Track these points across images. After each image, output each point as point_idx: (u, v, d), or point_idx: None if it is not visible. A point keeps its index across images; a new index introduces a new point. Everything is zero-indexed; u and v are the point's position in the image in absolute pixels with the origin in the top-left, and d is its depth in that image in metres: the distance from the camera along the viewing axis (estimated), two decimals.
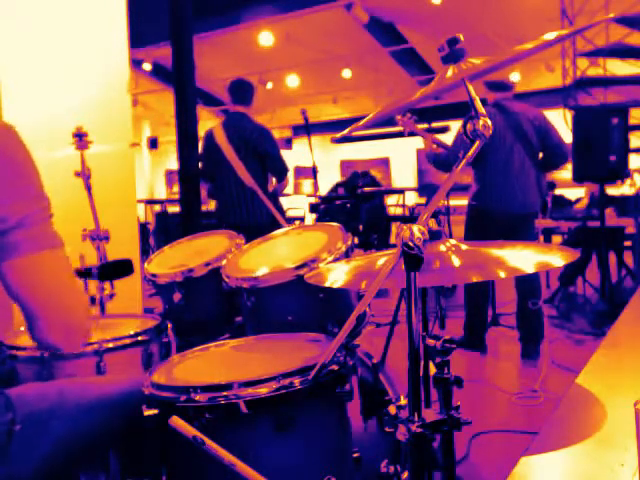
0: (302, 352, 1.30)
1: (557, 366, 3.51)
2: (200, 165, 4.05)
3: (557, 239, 6.83)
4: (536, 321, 3.72)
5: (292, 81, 11.60)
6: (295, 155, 12.34)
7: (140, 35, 4.86)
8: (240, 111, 3.70)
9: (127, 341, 1.60)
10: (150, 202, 11.68)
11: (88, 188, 2.16)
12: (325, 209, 7.57)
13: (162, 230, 9.18)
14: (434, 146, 3.86)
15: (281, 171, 3.67)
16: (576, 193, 7.00)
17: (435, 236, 1.09)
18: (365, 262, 1.26)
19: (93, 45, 3.08)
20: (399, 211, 9.85)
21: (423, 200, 11.13)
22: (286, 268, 1.57)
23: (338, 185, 8.89)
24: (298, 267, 1.53)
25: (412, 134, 3.80)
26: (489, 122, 0.92)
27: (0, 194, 0.94)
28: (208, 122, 7.89)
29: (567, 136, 4.66)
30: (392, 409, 0.91)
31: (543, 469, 0.85)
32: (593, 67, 6.28)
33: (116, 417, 1.25)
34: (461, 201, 4.40)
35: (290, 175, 3.76)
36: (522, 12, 8.45)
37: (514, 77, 9.79)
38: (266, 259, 1.74)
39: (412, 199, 11.42)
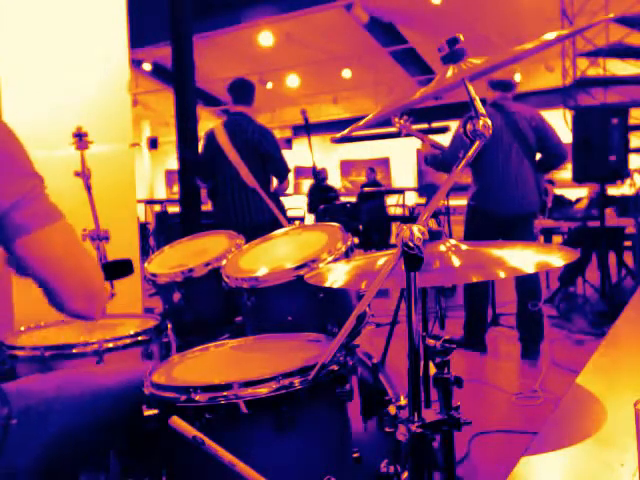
0: (302, 352, 1.30)
1: (557, 366, 3.51)
2: (197, 164, 4.04)
3: (557, 239, 6.83)
4: (536, 322, 3.72)
5: (292, 81, 11.60)
6: (295, 155, 12.34)
7: (140, 35, 4.86)
8: (241, 111, 3.68)
9: (127, 341, 1.60)
10: (150, 202, 11.70)
11: (88, 188, 2.16)
12: (325, 209, 7.58)
13: (162, 230, 9.19)
14: (430, 148, 3.86)
15: (282, 172, 3.67)
16: (576, 193, 7.00)
17: (435, 236, 1.09)
18: (365, 262, 1.26)
19: (93, 45, 3.08)
20: (399, 211, 9.87)
21: (423, 200, 11.13)
22: (286, 268, 1.57)
23: (315, 186, 8.95)
24: (298, 267, 1.53)
25: (409, 135, 3.80)
26: (489, 122, 0.92)
27: None
28: (208, 122, 7.89)
29: (567, 136, 4.66)
30: (392, 409, 0.91)
31: (543, 469, 0.85)
32: (593, 67, 6.28)
33: (115, 408, 1.24)
34: (461, 201, 4.40)
35: (290, 175, 3.76)
36: (522, 12, 8.46)
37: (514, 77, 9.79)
38: (266, 259, 1.74)
39: (412, 199, 11.42)
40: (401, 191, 10.42)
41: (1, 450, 1.06)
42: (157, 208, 10.94)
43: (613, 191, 5.85)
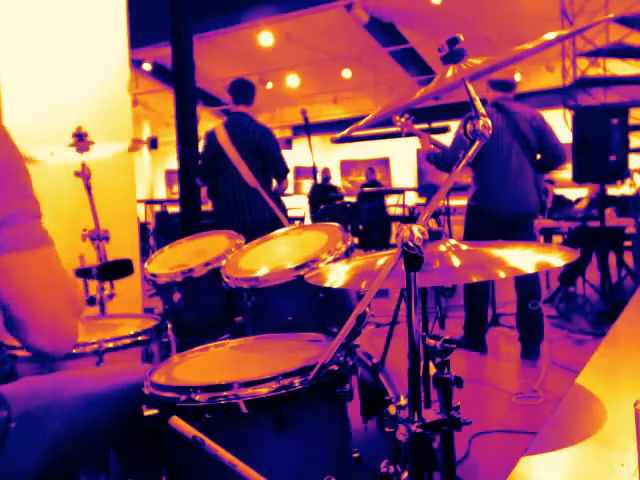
0: (302, 352, 1.30)
1: (557, 366, 3.51)
2: (199, 165, 4.05)
3: (557, 239, 6.82)
4: (536, 322, 3.72)
5: (292, 81, 11.61)
6: (295, 155, 12.34)
7: (140, 35, 4.86)
8: (242, 111, 3.69)
9: (127, 341, 1.60)
10: (150, 202, 11.70)
11: (88, 188, 2.16)
12: (325, 209, 7.58)
13: (162, 230, 9.18)
14: (431, 146, 3.86)
15: (281, 172, 3.67)
16: (576, 193, 7.00)
17: (435, 236, 1.09)
18: (365, 262, 1.26)
19: (93, 45, 3.08)
20: (399, 211, 9.86)
21: (423, 200, 11.13)
22: (286, 268, 1.57)
23: (317, 186, 8.95)
24: (298, 267, 1.53)
25: (410, 134, 3.81)
26: (489, 122, 0.92)
27: None
28: (208, 122, 7.89)
29: (567, 136, 4.66)
30: (392, 409, 0.91)
31: (543, 469, 0.85)
32: (593, 67, 6.28)
33: (115, 410, 1.24)
34: (461, 201, 4.40)
35: (290, 175, 3.76)
36: (522, 12, 8.46)
37: (514, 77, 9.80)
38: (266, 259, 1.74)
39: (412, 199, 11.42)
40: (401, 191, 10.41)
41: (1, 453, 1.05)
42: (157, 208, 10.94)
43: (613, 191, 5.85)
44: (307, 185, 13.11)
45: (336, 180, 13.76)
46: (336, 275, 1.25)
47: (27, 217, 0.96)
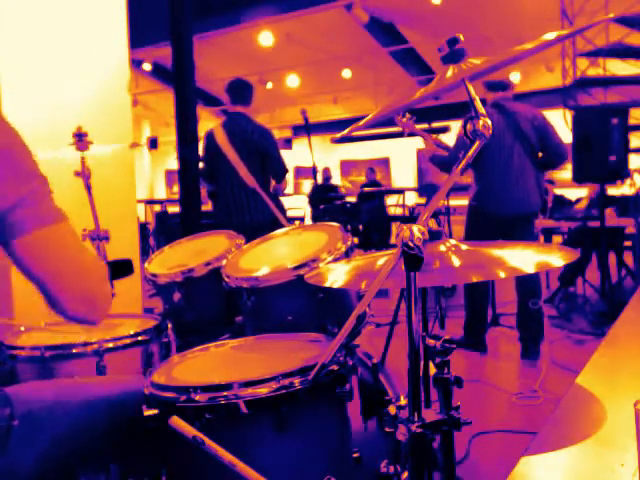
0: (302, 352, 1.30)
1: (557, 366, 3.51)
2: (201, 166, 4.06)
3: (557, 239, 6.82)
4: (536, 321, 3.72)
5: (292, 81, 11.60)
6: (295, 155, 12.34)
7: (140, 35, 4.85)
8: (240, 111, 3.69)
9: (127, 341, 1.60)
10: (150, 202, 11.70)
11: (88, 188, 2.16)
12: (325, 209, 7.58)
13: (162, 230, 9.19)
14: (434, 146, 3.86)
15: (280, 172, 3.67)
16: (576, 193, 6.99)
17: (435, 236, 1.09)
18: (365, 262, 1.26)
19: (93, 45, 3.08)
20: (399, 211, 9.86)
21: (423, 200, 11.12)
22: (286, 268, 1.57)
23: (317, 186, 8.96)
24: (298, 267, 1.53)
25: (412, 134, 3.80)
26: (489, 122, 0.92)
27: None
28: (208, 122, 7.89)
29: (567, 136, 4.66)
30: (392, 409, 0.91)
31: (543, 469, 0.85)
32: (593, 67, 6.28)
33: (115, 417, 1.25)
34: (461, 201, 4.39)
35: (290, 175, 3.76)
36: (522, 12, 8.45)
37: (514, 77, 9.80)
38: (266, 259, 1.74)
39: (412, 199, 11.42)
40: (401, 191, 10.41)
41: (4, 450, 1.06)
42: (157, 208, 10.95)
43: (613, 191, 5.85)
44: (307, 185, 13.11)
45: (336, 180, 13.78)
46: (336, 275, 1.25)
47: (40, 195, 1.00)
